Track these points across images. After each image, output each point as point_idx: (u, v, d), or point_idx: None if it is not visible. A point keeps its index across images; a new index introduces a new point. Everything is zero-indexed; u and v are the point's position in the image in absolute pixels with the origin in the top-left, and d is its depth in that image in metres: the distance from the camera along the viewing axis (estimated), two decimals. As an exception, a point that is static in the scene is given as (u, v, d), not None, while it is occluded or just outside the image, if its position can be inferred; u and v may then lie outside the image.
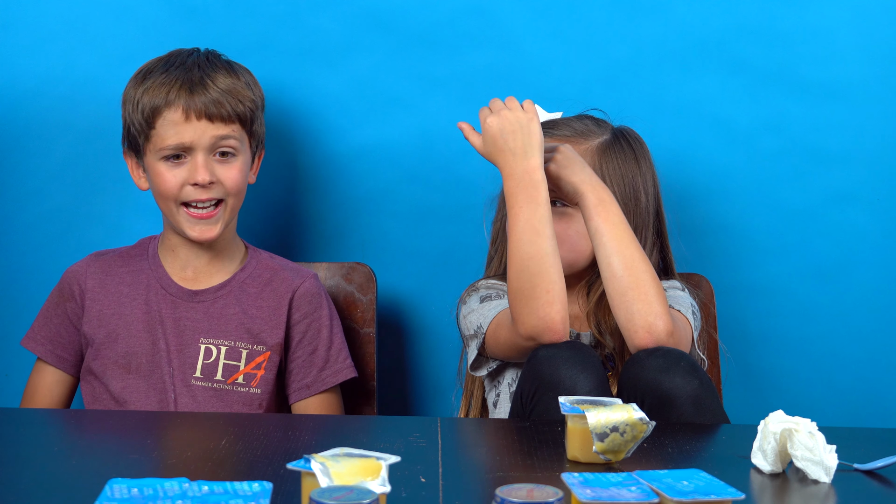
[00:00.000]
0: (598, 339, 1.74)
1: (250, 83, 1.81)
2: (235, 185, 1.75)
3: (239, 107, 1.75)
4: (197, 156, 1.73)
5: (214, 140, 1.73)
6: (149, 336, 1.77)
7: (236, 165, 1.76)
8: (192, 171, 1.73)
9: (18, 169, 2.04)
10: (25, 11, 2.02)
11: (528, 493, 1.03)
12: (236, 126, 1.75)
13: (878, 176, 2.00)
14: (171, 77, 1.74)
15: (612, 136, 1.76)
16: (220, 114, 1.73)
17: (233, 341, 1.77)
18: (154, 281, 1.80)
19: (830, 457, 1.22)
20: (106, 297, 1.80)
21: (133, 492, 1.02)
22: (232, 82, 1.76)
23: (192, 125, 1.72)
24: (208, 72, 1.76)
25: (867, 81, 1.99)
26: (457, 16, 2.01)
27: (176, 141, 1.72)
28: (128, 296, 1.80)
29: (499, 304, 1.71)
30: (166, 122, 1.73)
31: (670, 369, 1.47)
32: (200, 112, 1.72)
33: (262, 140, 1.84)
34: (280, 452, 1.28)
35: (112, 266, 1.82)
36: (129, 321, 1.78)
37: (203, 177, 1.72)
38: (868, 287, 2.02)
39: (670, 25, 1.99)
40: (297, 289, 1.81)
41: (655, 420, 1.46)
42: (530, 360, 1.52)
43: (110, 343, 1.77)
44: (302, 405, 1.81)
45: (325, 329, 1.82)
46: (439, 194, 2.04)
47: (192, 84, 1.73)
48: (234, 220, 1.81)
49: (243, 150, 1.77)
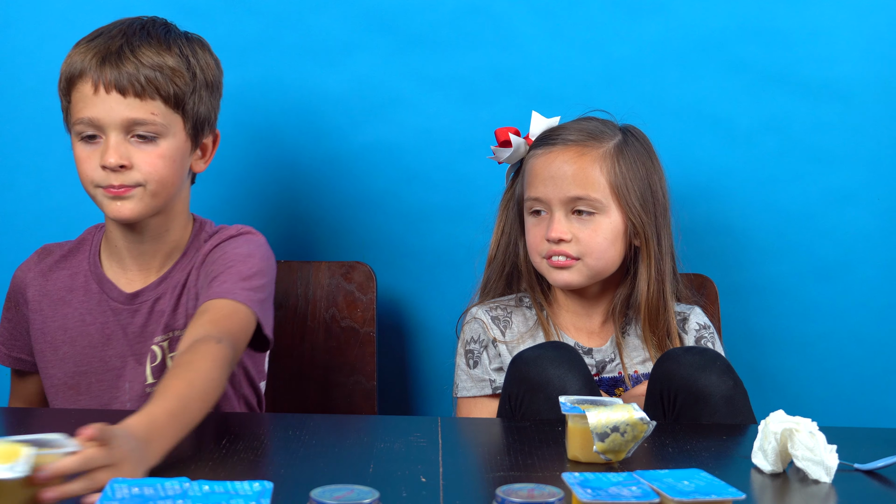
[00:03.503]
0: (620, 358, 1.75)
1: (194, 62, 1.60)
2: (155, 172, 1.56)
3: (163, 83, 1.55)
4: (109, 135, 1.54)
5: (127, 120, 1.54)
6: (97, 353, 1.63)
7: (157, 151, 1.56)
8: (102, 152, 1.55)
9: (18, 169, 2.05)
10: (25, 11, 2.02)
11: (528, 493, 1.03)
12: (157, 105, 1.55)
13: (878, 176, 2.00)
14: (93, 45, 1.56)
15: (623, 137, 1.76)
16: (133, 88, 1.53)
17: (171, 332, 1.63)
18: (94, 283, 1.65)
19: (831, 457, 1.22)
20: (48, 308, 1.66)
21: (133, 491, 1.02)
22: (160, 57, 1.56)
23: (101, 99, 1.54)
24: (135, 43, 1.56)
25: (867, 81, 1.99)
26: (457, 16, 2.01)
27: (84, 115, 1.55)
28: (70, 304, 1.65)
29: (473, 386, 1.74)
30: (78, 95, 1.56)
31: (707, 367, 1.48)
32: (110, 85, 1.53)
33: (209, 123, 1.64)
34: (280, 452, 1.28)
35: (53, 270, 1.68)
36: (74, 336, 1.64)
37: (111, 159, 1.53)
38: (868, 287, 2.02)
39: (670, 25, 2.00)
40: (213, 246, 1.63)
41: (687, 417, 1.46)
42: (515, 361, 1.52)
43: (57, 362, 1.64)
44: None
45: (230, 257, 1.58)
46: (439, 194, 2.04)
47: (108, 54, 1.54)
48: (175, 209, 1.63)
49: (171, 133, 1.57)
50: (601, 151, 1.72)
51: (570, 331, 1.78)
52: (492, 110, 2.01)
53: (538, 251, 1.74)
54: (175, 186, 1.60)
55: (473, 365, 1.75)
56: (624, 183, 1.71)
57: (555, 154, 1.73)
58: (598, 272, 1.73)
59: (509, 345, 1.74)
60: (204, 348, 1.36)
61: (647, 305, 1.74)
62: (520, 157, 1.80)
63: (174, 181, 1.59)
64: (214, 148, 1.68)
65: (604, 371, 1.75)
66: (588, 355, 1.74)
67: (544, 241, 1.72)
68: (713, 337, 1.78)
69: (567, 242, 1.70)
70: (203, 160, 1.67)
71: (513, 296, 1.81)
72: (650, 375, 1.56)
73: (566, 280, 1.72)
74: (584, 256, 1.71)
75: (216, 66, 1.66)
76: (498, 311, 1.78)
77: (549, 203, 1.72)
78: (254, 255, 1.59)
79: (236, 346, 1.44)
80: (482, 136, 1.96)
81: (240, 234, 1.65)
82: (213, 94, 1.64)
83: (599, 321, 1.79)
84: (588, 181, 1.70)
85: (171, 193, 1.60)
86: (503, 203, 1.84)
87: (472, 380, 1.75)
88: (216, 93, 1.65)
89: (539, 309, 1.77)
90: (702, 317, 1.80)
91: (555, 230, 1.70)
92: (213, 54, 1.66)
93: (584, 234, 1.70)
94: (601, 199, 1.70)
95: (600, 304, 1.79)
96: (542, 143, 1.76)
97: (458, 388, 1.76)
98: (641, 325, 1.75)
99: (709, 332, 1.78)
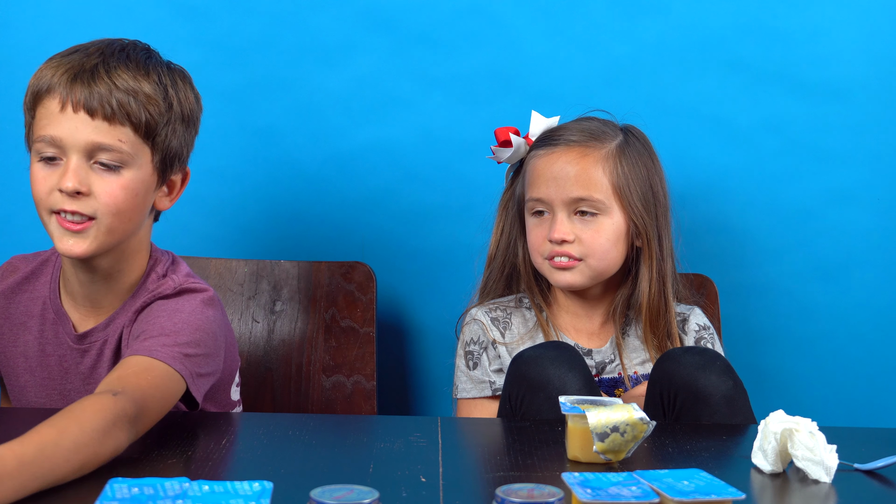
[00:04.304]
0: (620, 359, 1.75)
1: (172, 92, 1.49)
2: (112, 203, 1.44)
3: (135, 110, 1.44)
4: (70, 158, 1.43)
5: (92, 143, 1.43)
6: (57, 386, 1.55)
7: (119, 181, 1.44)
8: (61, 174, 1.43)
9: (18, 169, 2.04)
10: (25, 11, 2.02)
11: (528, 493, 1.03)
12: (126, 131, 1.44)
13: (878, 176, 2.00)
14: (66, 61, 1.46)
15: (625, 137, 1.76)
16: (103, 111, 1.42)
17: None
18: (51, 312, 1.55)
19: (831, 457, 1.22)
20: (8, 332, 1.57)
21: (133, 491, 1.02)
22: (136, 82, 1.45)
23: (68, 118, 1.43)
24: (111, 64, 1.45)
25: (867, 81, 1.99)
26: (457, 16, 2.01)
27: (46, 132, 1.44)
28: (30, 331, 1.56)
29: (472, 388, 1.74)
30: (43, 111, 1.46)
31: (707, 367, 1.48)
32: (78, 103, 1.42)
33: (179, 159, 1.52)
34: (280, 452, 1.28)
35: (16, 292, 1.59)
36: (34, 366, 1.56)
37: (68, 183, 1.42)
38: (868, 287, 2.02)
39: (670, 25, 2.00)
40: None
41: (687, 417, 1.46)
42: (515, 361, 1.53)
43: (19, 389, 1.57)
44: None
45: (164, 317, 1.46)
46: (439, 194, 2.04)
47: (81, 72, 1.44)
48: (130, 247, 1.52)
49: (137, 164, 1.45)
50: (603, 152, 1.72)
51: (570, 332, 1.78)
52: (492, 110, 2.01)
53: (540, 252, 1.74)
54: (133, 223, 1.48)
55: (473, 366, 1.75)
56: (626, 184, 1.71)
57: (557, 154, 1.72)
58: (600, 273, 1.73)
59: (509, 346, 1.74)
60: (93, 400, 1.22)
61: (649, 306, 1.74)
62: (520, 157, 1.80)
63: (132, 216, 1.47)
64: (183, 186, 1.57)
65: (603, 372, 1.75)
66: (588, 356, 1.74)
67: (546, 241, 1.72)
68: (713, 337, 1.78)
69: (570, 243, 1.70)
70: (168, 197, 1.55)
71: (512, 297, 1.81)
72: (650, 375, 1.56)
73: (568, 281, 1.72)
74: (586, 257, 1.71)
75: (195, 100, 1.55)
76: (497, 313, 1.77)
77: (552, 204, 1.71)
78: (182, 310, 1.47)
79: (142, 404, 1.27)
80: (482, 136, 1.96)
81: (178, 294, 1.52)
82: (188, 128, 1.52)
83: (599, 322, 1.79)
84: (591, 182, 1.70)
85: (128, 230, 1.48)
86: (502, 203, 1.83)
87: (471, 381, 1.75)
88: (192, 128, 1.54)
89: (538, 310, 1.77)
90: (701, 317, 1.80)
91: (558, 231, 1.70)
92: (194, 88, 1.55)
93: (586, 234, 1.70)
94: (604, 199, 1.70)
95: (600, 305, 1.79)
96: (544, 143, 1.75)
97: (457, 389, 1.76)
98: (642, 326, 1.75)
99: (708, 332, 1.78)
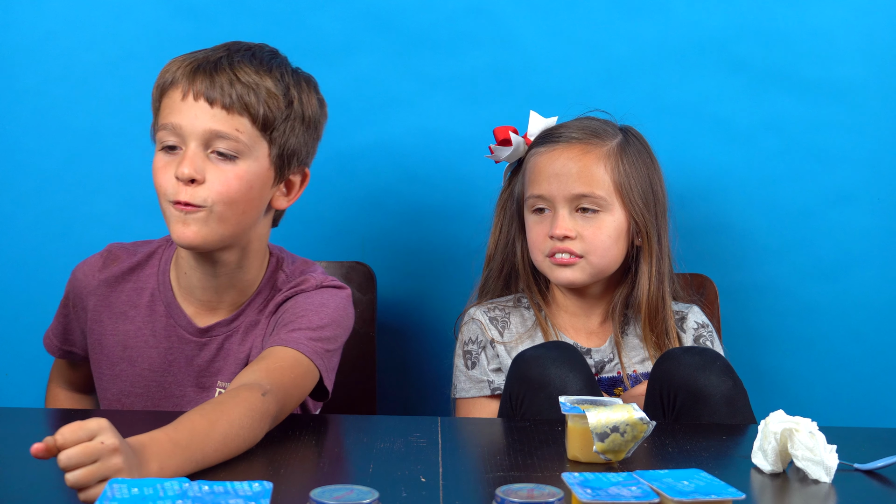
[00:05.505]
0: (618, 358, 1.75)
1: (294, 92, 1.51)
2: (225, 192, 1.45)
3: (254, 102, 1.45)
4: (189, 145, 1.44)
5: (209, 131, 1.44)
6: (157, 378, 1.57)
7: (234, 170, 1.45)
8: (178, 162, 1.45)
9: (18, 169, 2.04)
10: (25, 11, 2.02)
11: (528, 493, 1.03)
12: (244, 122, 1.45)
13: (878, 176, 2.00)
14: (191, 56, 1.49)
15: (624, 136, 1.76)
16: (222, 100, 1.44)
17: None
18: (160, 304, 1.57)
19: (831, 457, 1.22)
20: (107, 320, 1.59)
21: (133, 491, 1.02)
22: (259, 77, 1.47)
23: (189, 106, 1.45)
24: (235, 59, 1.48)
25: (867, 81, 1.99)
26: (457, 16, 2.01)
27: (168, 120, 1.46)
28: (132, 321, 1.57)
29: (471, 387, 1.74)
30: (167, 101, 1.48)
31: (706, 367, 1.48)
32: (199, 93, 1.44)
33: (298, 158, 1.52)
34: (280, 452, 1.28)
35: (119, 282, 1.59)
36: (134, 356, 1.57)
37: (185, 169, 1.43)
38: (868, 287, 2.02)
39: (670, 25, 2.00)
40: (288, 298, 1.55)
41: (687, 417, 1.46)
42: (517, 361, 1.53)
43: (113, 378, 1.58)
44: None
45: (304, 310, 1.51)
46: (439, 194, 2.04)
47: (205, 63, 1.46)
48: (251, 245, 1.53)
49: (253, 155, 1.47)
50: (605, 150, 1.72)
51: (569, 331, 1.78)
52: (492, 110, 2.01)
53: (541, 249, 1.74)
54: (247, 215, 1.48)
55: (472, 366, 1.75)
56: (627, 181, 1.71)
57: (558, 151, 1.72)
58: (600, 270, 1.73)
59: (507, 345, 1.74)
60: (245, 394, 1.29)
61: (648, 304, 1.74)
62: (519, 155, 1.80)
63: (245, 208, 1.47)
64: (302, 188, 1.57)
65: (602, 371, 1.75)
66: (587, 355, 1.74)
67: (547, 238, 1.72)
68: (712, 335, 1.78)
69: (571, 240, 1.70)
70: (287, 197, 1.55)
71: (511, 296, 1.81)
72: (650, 375, 1.56)
73: (569, 278, 1.72)
74: (587, 254, 1.71)
75: (319, 105, 1.56)
76: (496, 312, 1.77)
77: (553, 200, 1.71)
78: (327, 305, 1.52)
79: (284, 402, 1.35)
80: (482, 136, 1.96)
81: (321, 288, 1.56)
82: (308, 130, 1.53)
83: (598, 321, 1.79)
84: (592, 179, 1.70)
85: (242, 223, 1.48)
86: (500, 203, 1.83)
87: (470, 381, 1.75)
88: (312, 131, 1.54)
89: (537, 309, 1.77)
90: (700, 315, 1.80)
91: (559, 227, 1.70)
92: (319, 94, 1.57)
93: (587, 231, 1.70)
94: (605, 196, 1.70)
95: (599, 304, 1.79)
96: (545, 140, 1.75)
97: (456, 389, 1.76)
98: (641, 325, 1.75)
99: (707, 330, 1.78)
